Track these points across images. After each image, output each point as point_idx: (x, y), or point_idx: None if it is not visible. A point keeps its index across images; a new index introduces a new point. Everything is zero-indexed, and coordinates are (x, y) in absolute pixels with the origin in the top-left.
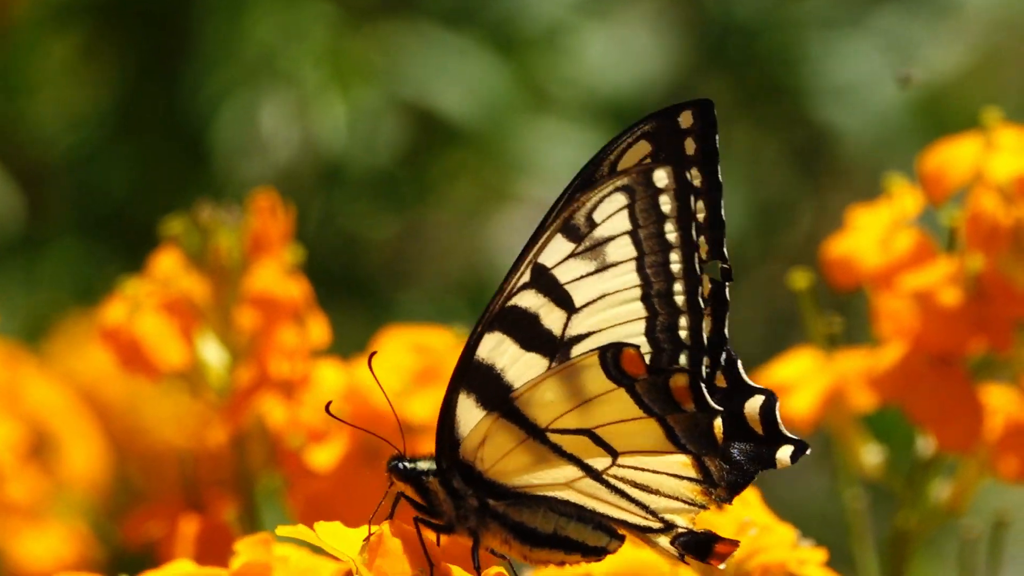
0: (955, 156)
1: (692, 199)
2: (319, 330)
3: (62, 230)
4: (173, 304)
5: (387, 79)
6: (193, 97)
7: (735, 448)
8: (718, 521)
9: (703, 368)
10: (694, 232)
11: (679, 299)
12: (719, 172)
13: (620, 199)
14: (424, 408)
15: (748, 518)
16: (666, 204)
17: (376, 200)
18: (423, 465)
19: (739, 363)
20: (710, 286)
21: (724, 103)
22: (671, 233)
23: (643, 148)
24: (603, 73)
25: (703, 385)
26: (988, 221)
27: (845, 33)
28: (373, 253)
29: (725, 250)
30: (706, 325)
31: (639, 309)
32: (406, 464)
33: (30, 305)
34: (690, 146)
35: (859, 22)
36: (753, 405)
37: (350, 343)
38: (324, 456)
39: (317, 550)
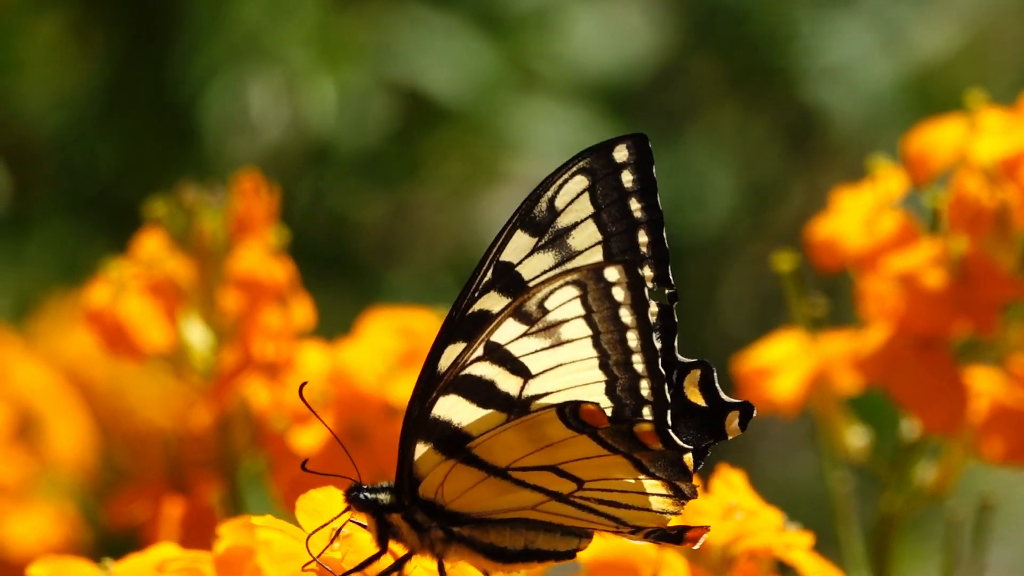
0: (939, 138)
1: (645, 290)
2: (303, 312)
3: (49, 209)
4: (157, 286)
5: (375, 58)
6: (181, 76)
7: (683, 426)
8: (703, 506)
9: (667, 414)
10: (650, 316)
11: (639, 367)
12: (659, 203)
13: (571, 291)
14: (408, 391)
15: (734, 502)
16: (619, 294)
17: (365, 180)
18: (384, 498)
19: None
20: (658, 310)
21: (713, 83)
22: (626, 317)
23: (580, 183)
24: (591, 52)
25: (670, 430)
26: (972, 203)
27: (835, 13)
28: (362, 233)
29: (671, 277)
30: (657, 344)
31: (597, 375)
32: (367, 495)
33: (16, 285)
34: (627, 178)
35: (849, 2)
36: (692, 379)
37: (340, 324)
38: (308, 438)
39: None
